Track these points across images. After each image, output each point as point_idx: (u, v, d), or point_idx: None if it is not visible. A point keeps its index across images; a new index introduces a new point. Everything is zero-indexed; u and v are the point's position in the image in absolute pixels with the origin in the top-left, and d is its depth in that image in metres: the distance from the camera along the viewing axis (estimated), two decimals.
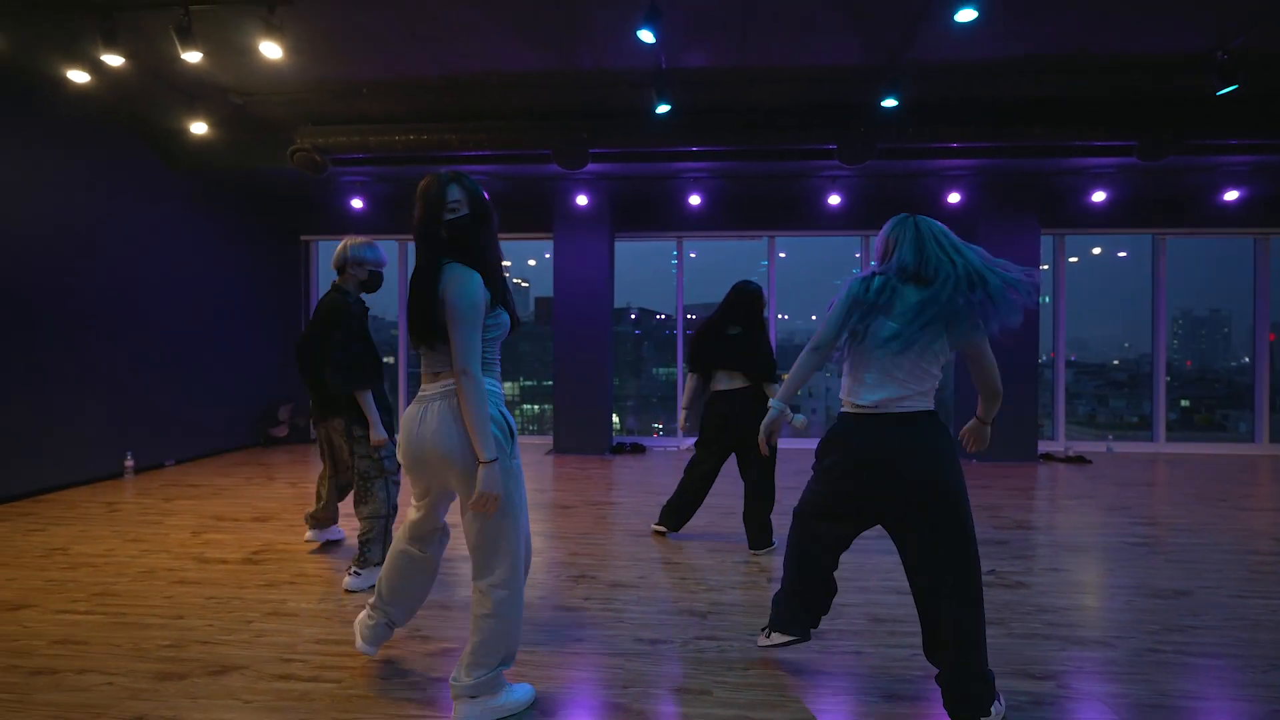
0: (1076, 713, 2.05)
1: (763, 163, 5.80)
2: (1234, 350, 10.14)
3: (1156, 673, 2.30)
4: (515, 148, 5.48)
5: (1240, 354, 10.23)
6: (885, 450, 1.97)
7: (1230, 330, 11.06)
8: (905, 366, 2.00)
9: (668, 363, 10.27)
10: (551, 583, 3.15)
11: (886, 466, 1.97)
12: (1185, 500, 4.97)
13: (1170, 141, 5.04)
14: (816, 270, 12.19)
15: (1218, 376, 11.28)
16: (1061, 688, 2.20)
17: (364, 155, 5.78)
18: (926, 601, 1.98)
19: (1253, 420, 7.48)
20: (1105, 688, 2.20)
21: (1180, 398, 9.83)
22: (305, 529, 3.89)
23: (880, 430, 1.99)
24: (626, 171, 6.26)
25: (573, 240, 6.93)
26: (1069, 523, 4.33)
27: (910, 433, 1.98)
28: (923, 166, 5.94)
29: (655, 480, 5.75)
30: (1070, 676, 2.28)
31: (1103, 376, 11.06)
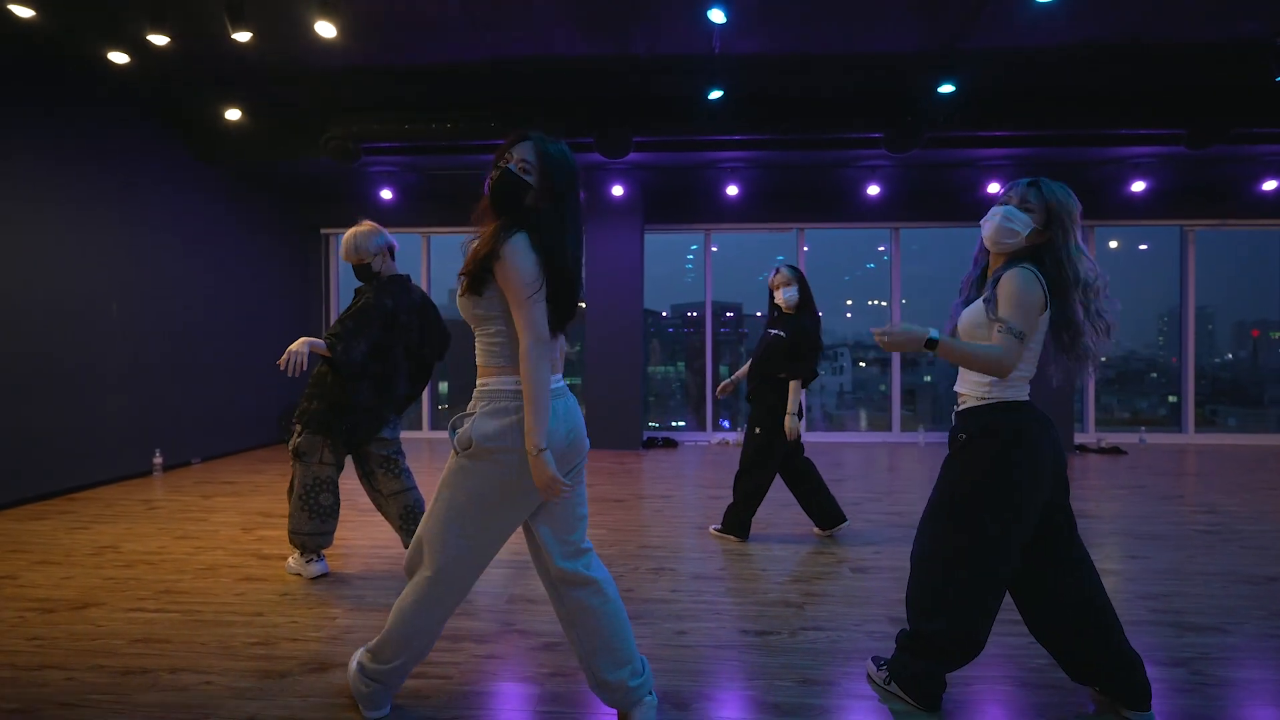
0: (1227, 699, 1.99)
1: (802, 152, 5.74)
2: (1219, 347, 10.26)
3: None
4: (555, 135, 5.36)
5: (1224, 350, 10.42)
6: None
7: (1214, 327, 11.26)
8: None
9: (665, 361, 10.07)
10: (632, 576, 3.06)
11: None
12: (1235, 489, 4.94)
13: (1221, 130, 5.02)
14: (840, 263, 12.07)
15: (1203, 373, 11.33)
16: (1196, 674, 2.14)
17: (397, 144, 5.66)
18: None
19: (1243, 415, 7.58)
20: (1241, 674, 2.14)
21: (1169, 394, 9.71)
22: (358, 524, 3.78)
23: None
24: (663, 161, 6.17)
25: (605, 232, 6.84)
26: (1130, 512, 4.28)
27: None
28: (962, 156, 5.89)
29: (695, 473, 5.66)
30: (1200, 663, 2.21)
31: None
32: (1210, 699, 1.99)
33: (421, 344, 3.10)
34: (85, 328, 4.87)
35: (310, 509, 2.97)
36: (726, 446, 7.21)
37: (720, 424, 7.96)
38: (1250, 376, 9.80)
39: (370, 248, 3.00)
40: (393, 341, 2.96)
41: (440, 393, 8.74)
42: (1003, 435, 1.87)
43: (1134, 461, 6.22)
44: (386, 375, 2.98)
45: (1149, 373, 10.89)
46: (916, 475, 5.63)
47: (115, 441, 5.15)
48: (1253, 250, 7.79)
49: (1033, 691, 2.04)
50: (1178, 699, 1.99)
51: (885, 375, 16.29)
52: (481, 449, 1.62)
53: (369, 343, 2.86)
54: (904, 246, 7.87)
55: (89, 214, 4.91)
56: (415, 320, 3.04)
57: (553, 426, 1.62)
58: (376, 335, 2.89)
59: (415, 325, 3.04)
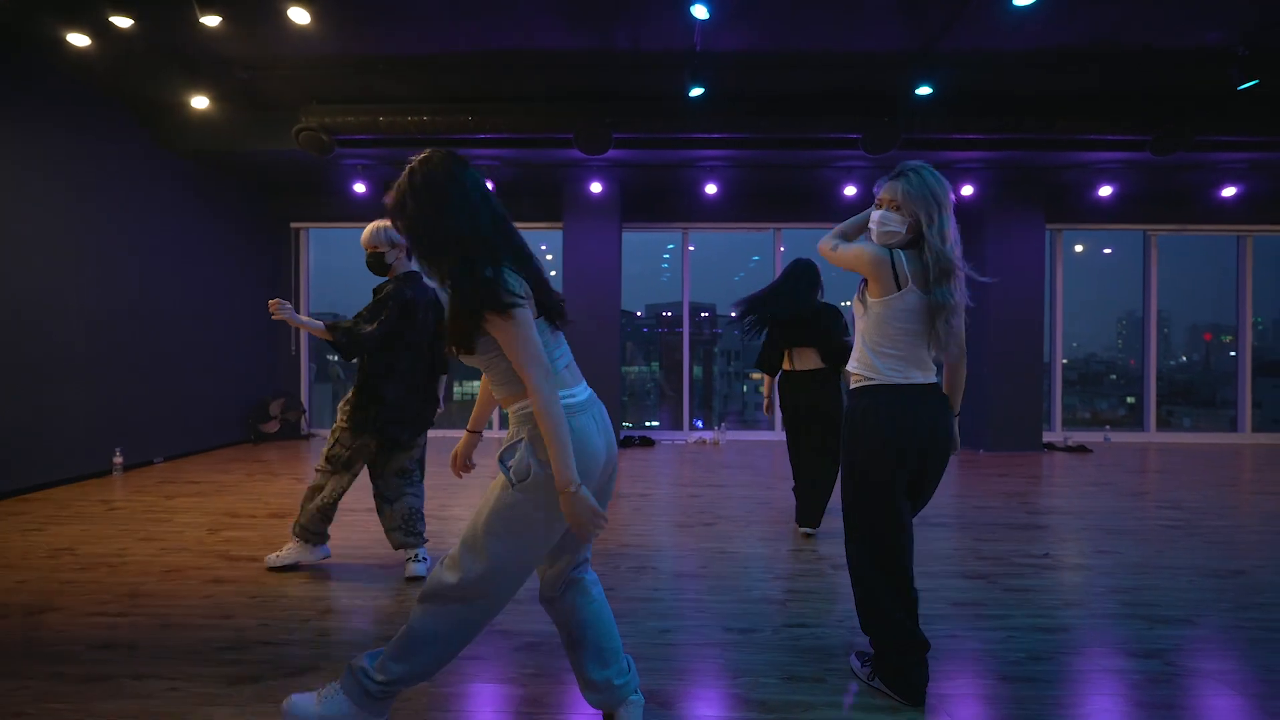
0: (1198, 690, 2.04)
1: (781, 151, 5.76)
2: (1173, 349, 10.80)
3: (1253, 649, 2.31)
4: (535, 131, 5.32)
5: (1178, 353, 10.89)
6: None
7: (1170, 330, 11.92)
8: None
9: (636, 362, 10.15)
10: (614, 575, 3.03)
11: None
12: (1198, 486, 5.10)
13: (1184, 137, 5.17)
14: (817, 260, 12.14)
15: (1159, 375, 11.82)
16: (1169, 665, 2.19)
17: (372, 136, 5.54)
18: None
19: (1197, 416, 7.98)
20: (1213, 665, 2.20)
21: (1127, 395, 10.14)
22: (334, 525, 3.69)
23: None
24: (642, 159, 6.15)
25: (583, 230, 6.79)
26: (1099, 508, 4.39)
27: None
28: (937, 158, 5.97)
29: (673, 472, 5.65)
30: (1173, 655, 2.26)
31: (1050, 374, 11.57)
32: (1183, 689, 2.04)
33: (435, 341, 3.06)
34: (41, 319, 4.67)
35: (325, 515, 3.02)
36: (703, 446, 7.22)
37: (694, 424, 7.97)
38: (1203, 379, 10.13)
39: (383, 238, 2.97)
40: (410, 332, 2.93)
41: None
42: (849, 418, 2.04)
43: (1100, 460, 6.38)
44: (413, 370, 2.97)
45: (1108, 374, 11.14)
46: None
47: (72, 439, 4.95)
48: (1206, 256, 8.05)
49: (1012, 685, 2.06)
50: (1152, 690, 2.03)
51: None
52: (541, 477, 1.51)
53: (385, 329, 2.84)
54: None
55: (45, 199, 4.70)
56: (431, 316, 3.02)
57: (593, 441, 1.56)
58: (394, 322, 2.86)
59: (431, 321, 3.02)
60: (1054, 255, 7.53)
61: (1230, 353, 10.14)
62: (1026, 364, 6.70)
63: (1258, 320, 13.57)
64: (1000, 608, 2.66)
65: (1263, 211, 7.30)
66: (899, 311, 1.95)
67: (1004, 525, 3.92)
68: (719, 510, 4.27)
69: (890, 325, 1.96)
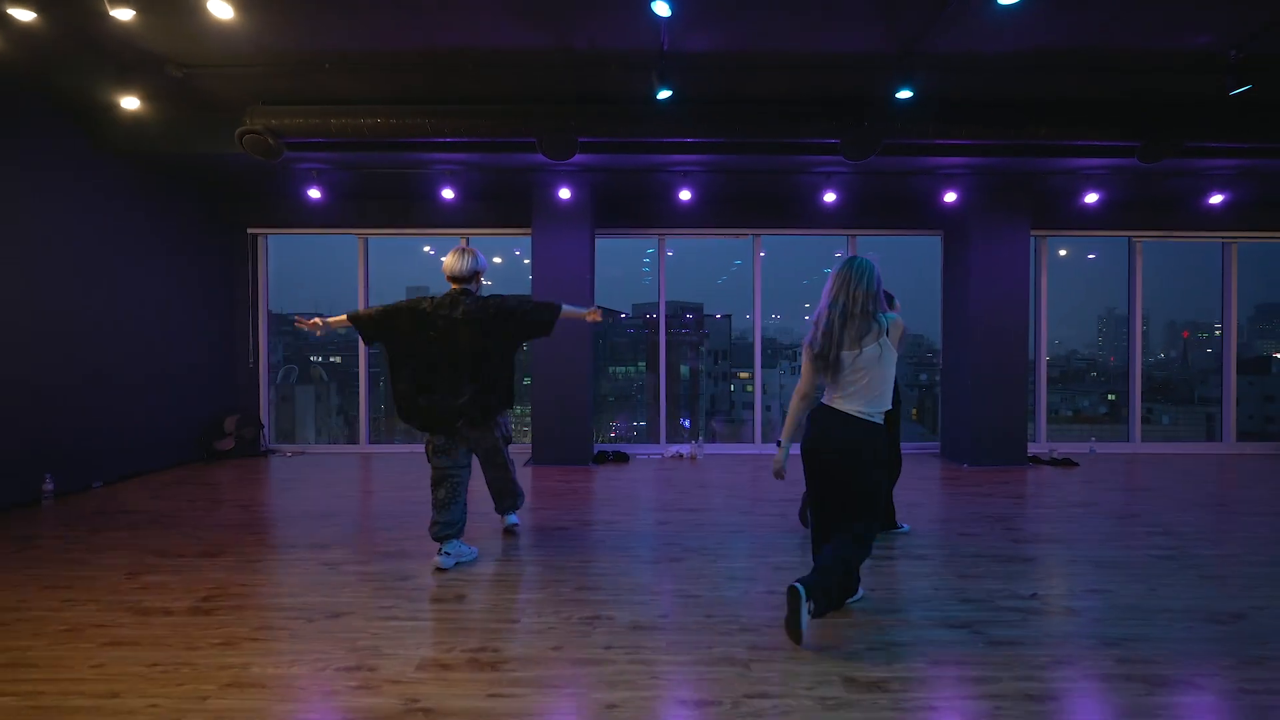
0: None
1: (757, 156, 5.50)
2: (1151, 347, 11.05)
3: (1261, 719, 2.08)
4: (496, 135, 5.02)
5: (1156, 350, 10.95)
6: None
7: (1149, 328, 12.34)
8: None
9: (626, 361, 10.12)
10: (562, 629, 2.75)
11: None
12: (1187, 505, 4.91)
13: (1172, 143, 4.98)
14: (796, 269, 12.18)
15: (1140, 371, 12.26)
16: None
17: (324, 139, 5.21)
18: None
19: (1176, 414, 8.03)
20: None
21: (1108, 392, 10.33)
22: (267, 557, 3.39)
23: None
24: (613, 164, 5.86)
25: (553, 236, 6.49)
26: (1087, 534, 4.17)
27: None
28: (920, 164, 5.75)
29: (647, 493, 5.38)
30: None
31: (1034, 371, 11.70)
32: None
33: (455, 354, 3.37)
34: None
35: (432, 501, 3.46)
36: (680, 460, 6.96)
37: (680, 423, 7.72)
38: (1181, 376, 10.32)
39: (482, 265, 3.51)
40: (416, 339, 3.36)
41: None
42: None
43: (1086, 474, 6.20)
44: (421, 371, 3.37)
45: (1090, 371, 11.45)
46: None
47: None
48: (1185, 254, 7.91)
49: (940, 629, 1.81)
50: None
51: None
52: None
53: (389, 321, 3.36)
54: (861, 253, 7.73)
55: None
56: (456, 332, 3.33)
57: None
58: (399, 323, 3.34)
59: (452, 336, 3.33)
60: (1039, 262, 7.34)
61: (1208, 350, 10.32)
62: (1011, 375, 6.50)
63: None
64: (985, 667, 2.41)
65: (1248, 219, 7.17)
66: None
67: (989, 557, 3.69)
68: (688, 541, 4.01)
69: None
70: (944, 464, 6.73)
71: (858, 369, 2.62)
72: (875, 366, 2.61)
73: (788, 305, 16.02)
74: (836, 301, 2.64)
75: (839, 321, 2.62)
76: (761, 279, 7.43)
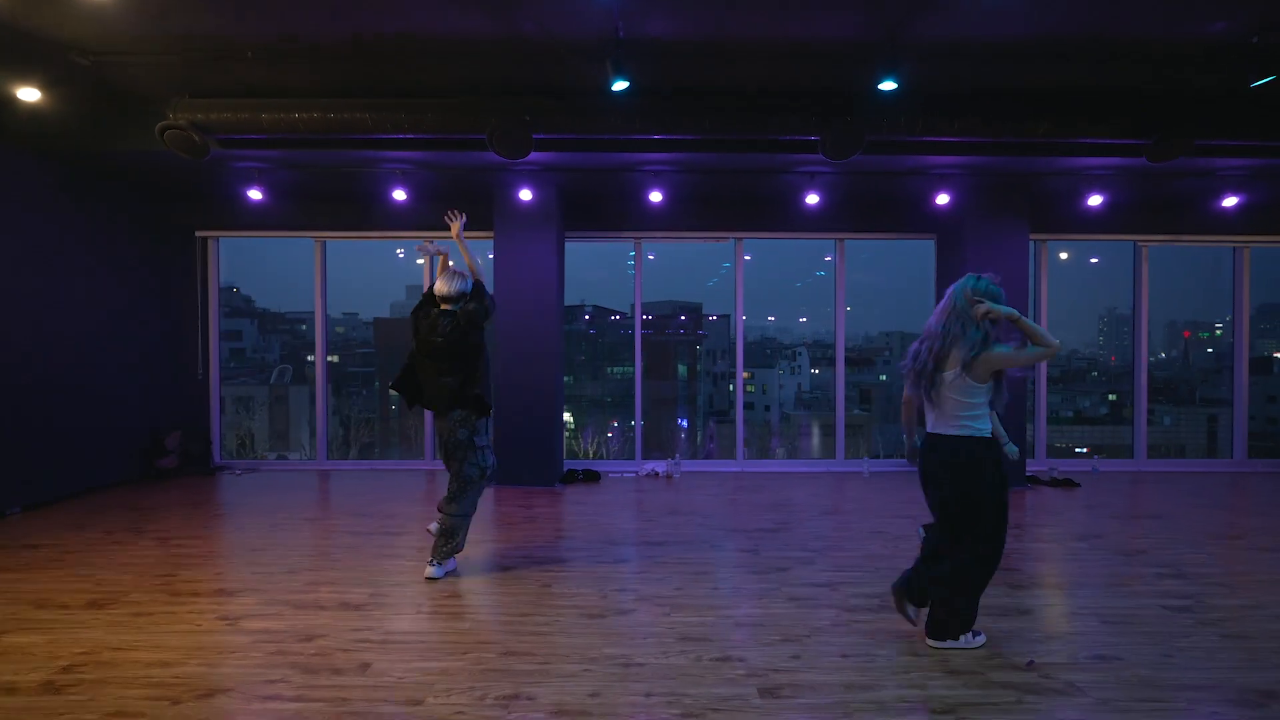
0: None
1: (732, 155, 5.07)
2: (1152, 346, 11.10)
3: None
4: (443, 131, 4.59)
5: (1156, 350, 10.74)
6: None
7: (1149, 327, 12.45)
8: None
9: (623, 362, 9.78)
10: (472, 712, 2.32)
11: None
12: (1200, 538, 4.48)
13: (1184, 141, 4.54)
14: (786, 271, 11.85)
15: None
16: None
17: (257, 136, 4.78)
18: None
19: (1176, 414, 8.21)
20: None
21: (1109, 392, 10.57)
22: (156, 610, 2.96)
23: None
24: (577, 162, 5.43)
25: (516, 241, 6.05)
26: (1091, 576, 3.74)
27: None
28: (909, 164, 5.32)
29: (612, 522, 4.94)
30: None
31: (1033, 384, 11.68)
32: None
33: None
34: None
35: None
36: (656, 479, 6.52)
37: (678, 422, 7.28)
38: (1182, 376, 10.28)
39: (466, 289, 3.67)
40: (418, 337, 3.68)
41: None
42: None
43: (1089, 496, 5.77)
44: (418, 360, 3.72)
45: (1090, 371, 11.52)
46: (856, 526, 5.02)
47: None
48: (1185, 253, 7.47)
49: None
50: None
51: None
52: None
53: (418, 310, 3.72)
54: (852, 256, 7.35)
55: None
56: (437, 352, 3.59)
57: None
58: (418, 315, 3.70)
59: (433, 352, 3.60)
60: (1038, 267, 6.91)
61: (1209, 349, 10.80)
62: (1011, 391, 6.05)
63: (1230, 318, 13.56)
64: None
65: (1261, 221, 6.73)
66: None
67: (980, 610, 3.25)
68: (643, 587, 3.57)
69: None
70: None
71: (940, 389, 2.69)
72: (955, 389, 2.66)
73: (783, 308, 15.54)
74: (934, 323, 2.75)
75: (928, 342, 2.73)
76: (751, 283, 7.01)
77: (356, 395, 9.49)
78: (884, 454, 12.20)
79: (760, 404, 11.74)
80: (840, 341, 7.10)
